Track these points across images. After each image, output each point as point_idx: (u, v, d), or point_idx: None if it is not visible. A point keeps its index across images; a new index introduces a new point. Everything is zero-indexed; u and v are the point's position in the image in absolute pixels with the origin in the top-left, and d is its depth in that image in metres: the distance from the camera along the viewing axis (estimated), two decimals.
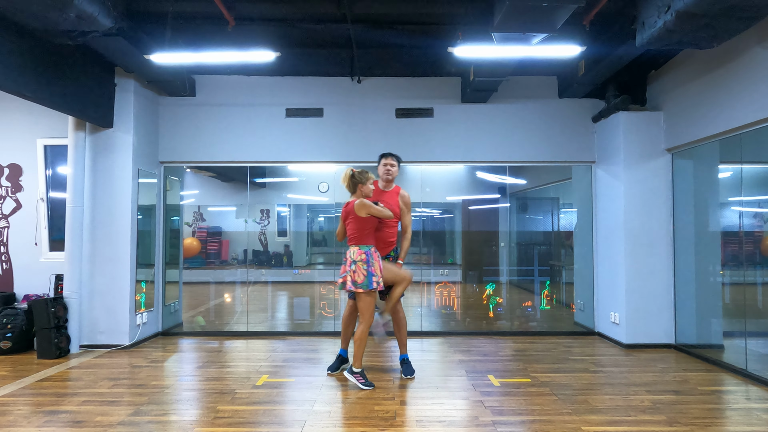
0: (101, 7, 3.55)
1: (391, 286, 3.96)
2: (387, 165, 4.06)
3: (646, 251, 5.00)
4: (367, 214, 3.71)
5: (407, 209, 4.05)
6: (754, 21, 3.35)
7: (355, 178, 3.78)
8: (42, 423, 3.03)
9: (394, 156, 4.12)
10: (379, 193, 4.06)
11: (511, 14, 3.39)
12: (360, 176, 3.78)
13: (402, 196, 4.08)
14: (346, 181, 3.81)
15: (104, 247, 4.95)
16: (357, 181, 3.78)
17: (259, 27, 4.75)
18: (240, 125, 5.60)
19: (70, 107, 4.41)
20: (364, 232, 3.74)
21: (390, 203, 3.98)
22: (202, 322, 6.07)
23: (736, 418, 3.13)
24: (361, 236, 3.74)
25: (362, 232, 3.74)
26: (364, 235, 3.74)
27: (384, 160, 4.09)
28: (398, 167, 4.13)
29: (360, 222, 3.73)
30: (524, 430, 2.94)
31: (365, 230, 3.74)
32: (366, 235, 3.75)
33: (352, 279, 3.67)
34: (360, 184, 3.78)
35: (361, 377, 3.73)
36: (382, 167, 4.08)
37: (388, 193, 4.07)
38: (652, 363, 4.42)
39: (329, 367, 4.10)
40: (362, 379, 3.71)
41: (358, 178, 3.78)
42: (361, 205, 3.69)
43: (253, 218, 6.46)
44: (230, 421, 3.06)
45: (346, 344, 4.20)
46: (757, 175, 4.21)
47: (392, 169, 4.06)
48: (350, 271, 3.69)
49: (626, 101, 5.01)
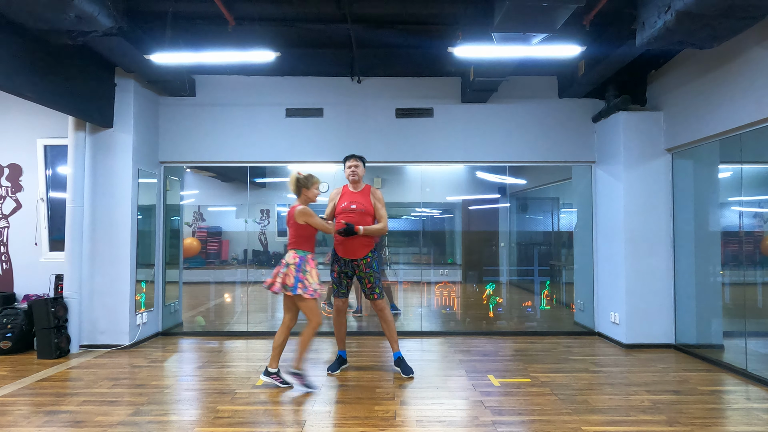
0: (101, 7, 3.55)
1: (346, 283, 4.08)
2: (351, 167, 4.08)
3: (646, 251, 5.00)
4: (305, 223, 3.68)
5: (380, 204, 4.08)
6: (754, 21, 3.34)
7: (300, 182, 3.75)
8: (42, 423, 3.03)
9: (357, 157, 4.14)
10: (351, 195, 4.08)
11: (511, 14, 3.39)
12: (305, 180, 3.74)
13: (373, 193, 4.12)
14: (292, 185, 3.77)
15: (104, 247, 4.95)
16: (301, 185, 3.75)
17: (259, 27, 4.75)
18: (240, 125, 5.60)
19: (70, 107, 4.41)
20: (301, 239, 3.71)
21: (363, 203, 4.01)
22: (202, 322, 6.08)
23: (736, 418, 3.13)
24: (299, 242, 3.71)
25: (299, 239, 3.71)
26: (301, 241, 3.71)
27: (347, 162, 4.11)
28: (363, 167, 4.15)
29: (298, 228, 3.71)
30: (524, 430, 2.94)
31: (303, 237, 3.71)
32: (303, 241, 3.71)
33: (282, 281, 3.63)
34: (304, 189, 3.75)
35: (278, 377, 3.70)
36: (347, 169, 4.10)
37: (359, 193, 4.09)
38: (652, 363, 4.42)
39: (329, 368, 4.11)
40: (279, 379, 3.70)
41: (303, 183, 3.74)
42: (301, 212, 3.67)
43: (253, 218, 6.47)
44: (230, 421, 3.06)
45: (342, 344, 4.21)
46: (757, 175, 4.22)
47: (357, 170, 4.08)
48: (282, 274, 3.65)
49: (626, 101, 5.01)
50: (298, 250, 3.70)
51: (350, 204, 4.02)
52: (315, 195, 3.80)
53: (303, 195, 3.78)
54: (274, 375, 3.76)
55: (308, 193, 3.77)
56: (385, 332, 4.13)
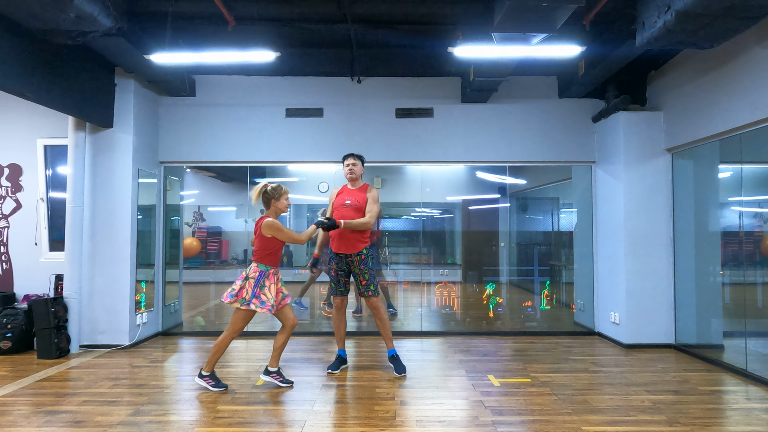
0: (101, 7, 3.55)
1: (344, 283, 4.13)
2: (349, 165, 4.15)
3: (646, 251, 5.00)
4: (271, 236, 3.57)
5: (372, 200, 4.09)
6: (754, 21, 3.34)
7: (268, 194, 3.61)
8: (42, 423, 3.03)
9: (355, 156, 4.20)
10: (348, 192, 4.16)
11: (511, 14, 3.39)
12: (273, 192, 3.61)
13: (369, 190, 4.17)
14: (259, 196, 3.63)
15: (104, 247, 4.95)
16: (270, 197, 3.62)
17: (259, 27, 4.75)
18: (240, 125, 5.60)
19: (71, 107, 4.41)
20: (265, 252, 3.60)
21: (357, 199, 4.08)
22: (202, 323, 6.08)
23: (736, 418, 3.13)
24: (263, 255, 3.60)
25: (264, 251, 3.60)
26: (265, 254, 3.60)
27: (346, 161, 4.18)
28: (361, 165, 4.22)
29: (263, 241, 3.58)
30: (524, 430, 2.94)
31: (267, 250, 3.59)
32: (266, 255, 3.60)
33: (236, 291, 3.55)
34: (274, 200, 3.63)
35: (211, 379, 3.65)
36: (345, 168, 4.17)
37: (356, 190, 4.17)
38: (652, 363, 4.41)
39: (329, 367, 4.11)
40: (212, 381, 3.65)
41: (271, 194, 3.61)
42: (268, 225, 3.54)
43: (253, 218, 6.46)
44: (230, 421, 3.06)
45: (342, 343, 4.23)
46: (757, 175, 4.22)
47: (354, 168, 4.15)
48: (238, 286, 3.57)
49: (626, 101, 5.01)
50: (260, 264, 3.60)
51: (345, 199, 4.09)
52: (285, 206, 3.68)
53: (273, 207, 3.65)
54: (275, 374, 3.76)
55: (278, 205, 3.64)
56: (379, 330, 4.16)
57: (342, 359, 4.19)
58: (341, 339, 4.23)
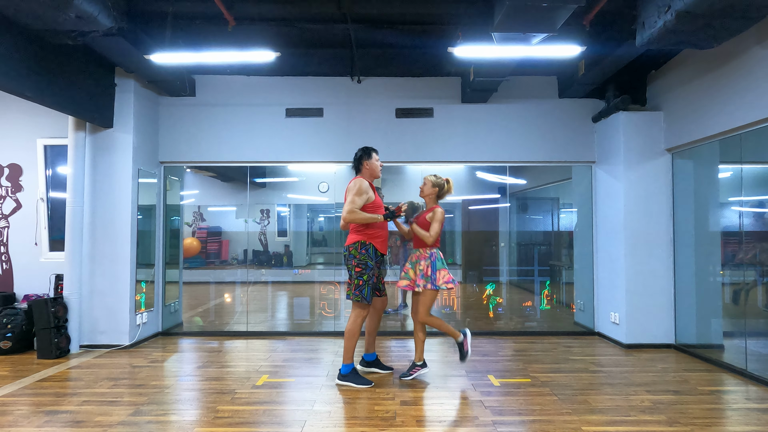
0: (101, 7, 3.55)
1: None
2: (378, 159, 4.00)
3: (646, 251, 5.00)
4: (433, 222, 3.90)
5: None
6: (754, 21, 3.34)
7: (440, 185, 4.01)
8: (42, 423, 3.03)
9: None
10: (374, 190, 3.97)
11: (511, 14, 3.39)
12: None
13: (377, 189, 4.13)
14: (441, 188, 4.00)
15: (104, 247, 4.95)
16: (445, 191, 4.03)
17: (259, 27, 4.75)
18: (240, 125, 5.60)
19: (71, 107, 4.42)
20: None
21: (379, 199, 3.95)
22: (200, 323, 6.07)
23: (736, 418, 3.13)
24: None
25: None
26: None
27: (377, 156, 3.97)
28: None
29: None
30: (524, 430, 2.94)
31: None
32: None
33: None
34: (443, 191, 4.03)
35: (421, 368, 3.94)
36: (378, 162, 3.97)
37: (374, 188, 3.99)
38: (652, 363, 4.41)
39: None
40: (420, 369, 3.92)
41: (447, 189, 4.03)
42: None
43: (253, 218, 6.46)
44: (230, 421, 3.06)
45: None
46: (757, 175, 4.21)
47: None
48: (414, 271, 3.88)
49: (626, 101, 5.01)
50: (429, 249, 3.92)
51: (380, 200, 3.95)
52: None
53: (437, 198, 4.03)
54: (419, 367, 3.92)
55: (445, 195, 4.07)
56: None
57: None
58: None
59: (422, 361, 3.92)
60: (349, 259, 3.78)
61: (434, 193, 3.98)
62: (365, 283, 3.72)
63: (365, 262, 3.73)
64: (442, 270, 3.82)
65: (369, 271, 3.73)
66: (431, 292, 3.79)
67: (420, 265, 3.83)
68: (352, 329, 3.75)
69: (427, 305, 3.82)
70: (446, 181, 4.02)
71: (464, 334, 3.93)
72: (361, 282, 3.71)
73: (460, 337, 3.91)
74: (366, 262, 3.73)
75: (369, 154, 3.92)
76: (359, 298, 3.72)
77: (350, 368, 3.76)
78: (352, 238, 3.79)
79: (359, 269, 3.72)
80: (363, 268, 3.72)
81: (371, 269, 3.74)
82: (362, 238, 3.75)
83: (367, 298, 3.72)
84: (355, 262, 3.73)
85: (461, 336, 3.92)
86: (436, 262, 3.82)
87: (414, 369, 3.89)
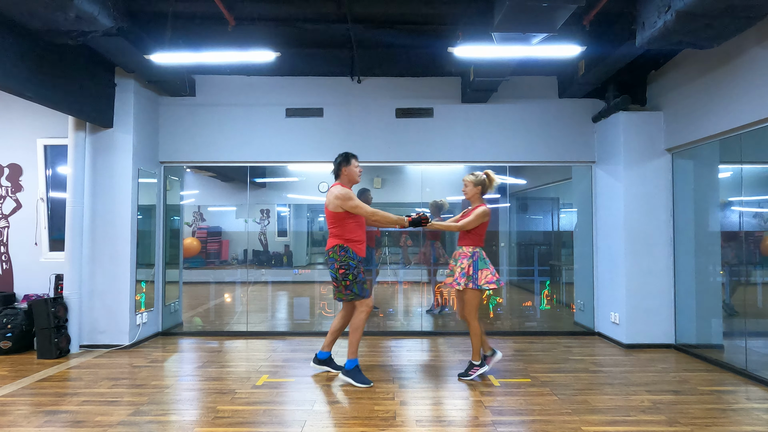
0: (101, 7, 3.55)
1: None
2: (360, 168, 4.00)
3: (646, 251, 5.00)
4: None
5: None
6: (754, 21, 3.35)
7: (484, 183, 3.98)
8: (42, 423, 3.03)
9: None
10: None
11: (511, 14, 3.39)
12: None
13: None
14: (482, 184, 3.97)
15: (104, 247, 4.95)
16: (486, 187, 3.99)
17: (259, 27, 4.75)
18: (240, 125, 5.60)
19: (71, 107, 4.42)
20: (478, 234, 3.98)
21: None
22: (199, 323, 6.07)
23: (736, 418, 3.13)
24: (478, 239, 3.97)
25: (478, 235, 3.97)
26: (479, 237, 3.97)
27: (356, 161, 3.95)
28: None
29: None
30: (524, 430, 2.94)
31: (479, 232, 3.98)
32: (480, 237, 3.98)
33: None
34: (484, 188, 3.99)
35: (480, 367, 3.91)
36: (358, 169, 3.97)
37: None
38: (652, 363, 4.41)
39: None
40: (480, 369, 3.91)
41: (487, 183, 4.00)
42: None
43: (253, 218, 6.46)
44: (230, 421, 3.06)
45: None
46: (757, 175, 4.21)
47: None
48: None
49: (626, 101, 5.01)
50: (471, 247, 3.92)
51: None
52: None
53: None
54: (477, 366, 3.89)
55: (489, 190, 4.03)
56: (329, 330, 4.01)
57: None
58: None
59: (480, 360, 3.91)
60: (331, 263, 3.83)
61: (478, 192, 3.96)
62: (352, 282, 3.76)
63: (347, 262, 3.77)
64: (485, 270, 3.79)
65: (353, 270, 3.76)
66: (473, 291, 3.80)
67: (462, 263, 3.84)
68: (356, 323, 3.82)
69: (473, 304, 3.83)
70: (486, 175, 3.96)
71: (494, 353, 3.97)
72: (348, 282, 3.77)
73: (489, 352, 3.95)
74: (347, 263, 3.77)
75: (348, 161, 3.91)
76: (352, 297, 3.79)
77: (354, 363, 3.81)
78: (331, 242, 3.85)
79: (343, 270, 3.76)
80: (346, 269, 3.76)
81: (354, 267, 3.77)
82: (340, 242, 3.81)
83: (360, 293, 3.78)
84: (338, 265, 3.77)
85: (491, 352, 3.96)
86: (479, 261, 3.81)
87: (473, 369, 3.89)
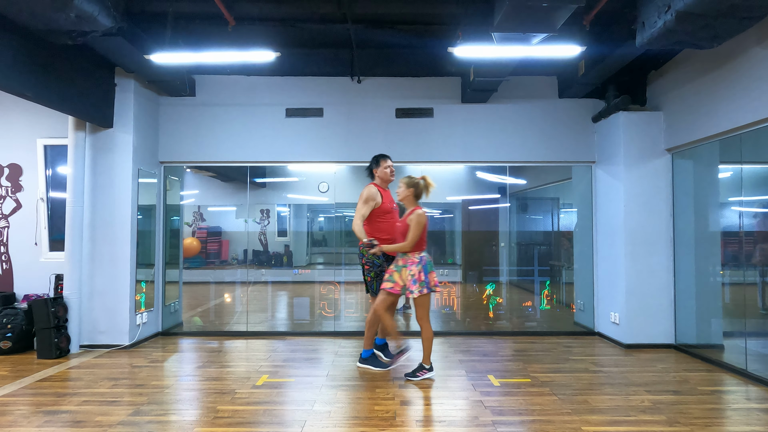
0: (101, 7, 3.55)
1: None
2: (389, 166, 4.20)
3: (646, 251, 5.00)
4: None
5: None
6: (754, 21, 3.34)
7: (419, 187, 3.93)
8: (42, 423, 3.03)
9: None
10: (387, 194, 4.19)
11: (511, 14, 3.39)
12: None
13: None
14: (422, 189, 3.93)
15: (104, 247, 4.95)
16: (420, 191, 3.95)
17: (259, 27, 4.75)
18: (240, 125, 5.60)
19: (71, 107, 4.42)
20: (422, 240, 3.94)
21: (391, 198, 4.19)
22: (199, 323, 6.08)
23: (736, 418, 3.13)
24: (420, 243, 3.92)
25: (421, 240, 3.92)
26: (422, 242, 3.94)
27: (385, 162, 4.19)
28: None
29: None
30: (524, 430, 2.94)
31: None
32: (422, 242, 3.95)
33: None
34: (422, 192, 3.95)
35: (428, 371, 3.94)
36: (387, 169, 4.17)
37: (389, 192, 4.24)
38: (652, 363, 4.42)
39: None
40: (427, 372, 3.92)
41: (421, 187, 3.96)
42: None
43: (253, 218, 6.47)
44: (230, 421, 3.06)
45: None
46: (757, 175, 4.21)
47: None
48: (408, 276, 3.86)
49: (626, 101, 5.01)
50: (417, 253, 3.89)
51: (392, 203, 4.15)
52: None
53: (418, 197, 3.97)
54: (426, 370, 3.92)
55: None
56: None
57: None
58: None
59: (430, 365, 3.93)
60: (360, 257, 4.10)
61: (411, 194, 3.90)
62: (373, 279, 4.07)
63: (372, 260, 4.04)
64: (432, 272, 3.86)
65: (376, 268, 4.04)
66: (425, 296, 3.82)
67: (410, 270, 3.80)
68: (371, 317, 4.03)
69: (426, 308, 3.86)
70: (422, 179, 3.92)
71: (406, 350, 4.08)
72: (369, 278, 4.09)
73: (402, 346, 4.07)
74: (373, 261, 4.04)
75: (377, 163, 4.20)
76: (372, 293, 4.11)
77: (369, 353, 4.10)
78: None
79: (367, 267, 4.07)
80: (370, 265, 4.06)
81: (378, 266, 4.04)
82: (370, 238, 4.02)
83: (375, 292, 4.05)
84: (364, 261, 4.06)
85: (404, 346, 4.08)
86: (427, 265, 3.82)
87: (422, 371, 3.89)
